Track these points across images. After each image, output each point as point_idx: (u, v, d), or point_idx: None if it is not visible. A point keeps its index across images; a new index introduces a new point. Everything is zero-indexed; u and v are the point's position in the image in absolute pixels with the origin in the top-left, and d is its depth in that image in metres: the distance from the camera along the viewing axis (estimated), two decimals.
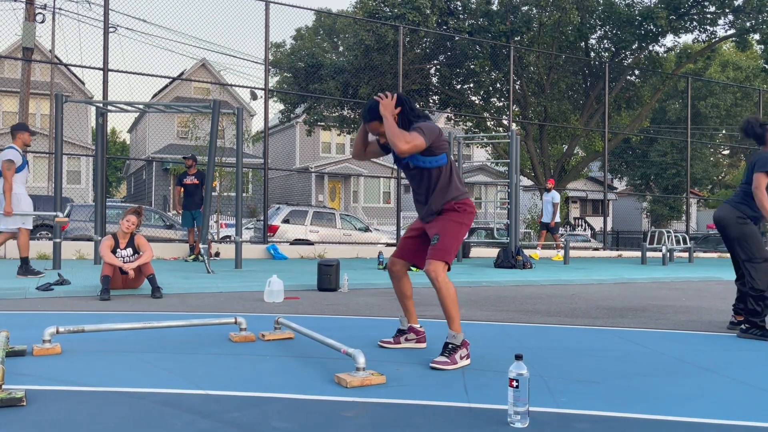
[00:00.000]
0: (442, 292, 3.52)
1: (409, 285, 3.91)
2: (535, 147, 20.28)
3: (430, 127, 3.51)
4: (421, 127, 3.48)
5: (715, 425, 2.53)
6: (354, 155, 3.94)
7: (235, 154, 9.79)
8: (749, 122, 4.85)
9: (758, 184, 4.58)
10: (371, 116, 3.58)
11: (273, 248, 12.96)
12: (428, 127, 3.50)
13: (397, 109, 3.57)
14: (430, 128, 3.50)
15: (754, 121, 4.84)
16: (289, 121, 23.30)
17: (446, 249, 3.56)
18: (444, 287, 3.51)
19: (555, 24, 18.50)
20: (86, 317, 5.01)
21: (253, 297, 6.58)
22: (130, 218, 6.45)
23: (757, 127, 4.79)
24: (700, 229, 34.99)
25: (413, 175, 3.70)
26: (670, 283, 9.41)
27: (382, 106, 3.51)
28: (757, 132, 4.78)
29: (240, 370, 3.33)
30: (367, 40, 16.96)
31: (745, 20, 18.96)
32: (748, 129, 4.83)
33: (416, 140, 3.41)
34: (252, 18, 47.87)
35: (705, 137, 29.69)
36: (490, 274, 9.48)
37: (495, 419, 2.54)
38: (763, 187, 4.58)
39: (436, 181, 3.62)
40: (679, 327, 5.13)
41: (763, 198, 4.56)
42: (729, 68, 30.30)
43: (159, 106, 10.01)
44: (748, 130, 4.83)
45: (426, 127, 3.49)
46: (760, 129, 4.77)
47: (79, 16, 34.07)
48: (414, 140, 3.41)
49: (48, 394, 2.80)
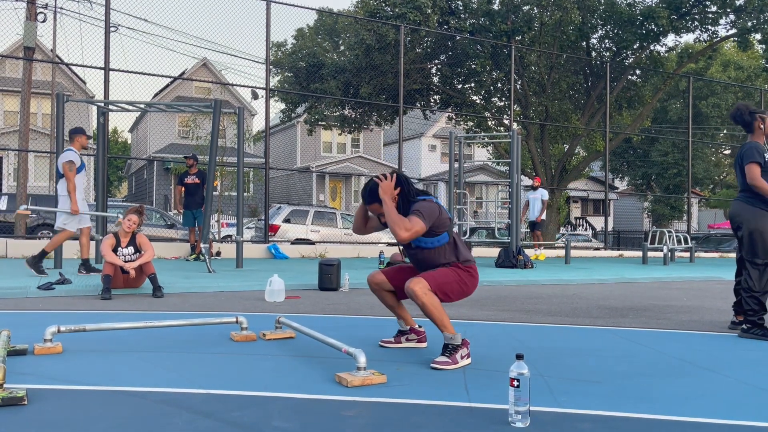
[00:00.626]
0: (427, 307, 3.40)
1: (392, 295, 3.86)
2: (536, 147, 20.27)
3: (430, 209, 3.47)
4: (420, 210, 3.44)
5: (717, 425, 2.53)
6: (354, 230, 3.95)
7: (236, 154, 9.80)
8: (739, 109, 4.86)
9: (753, 176, 4.58)
10: (371, 199, 3.58)
11: (274, 248, 12.97)
12: (428, 210, 3.46)
13: (397, 189, 3.55)
14: (429, 210, 3.46)
15: (744, 108, 4.84)
16: (290, 120, 23.27)
17: (435, 280, 3.47)
18: (427, 299, 3.39)
19: (556, 23, 18.48)
20: (87, 316, 5.01)
21: (254, 296, 6.58)
22: (131, 217, 6.46)
23: (746, 114, 4.79)
24: (701, 229, 34.95)
25: (413, 254, 3.66)
26: (671, 283, 9.40)
27: (382, 189, 3.49)
28: (746, 119, 4.79)
29: (241, 369, 3.33)
30: (368, 39, 16.96)
31: (746, 20, 18.93)
32: (737, 116, 4.84)
33: (416, 226, 3.39)
34: (253, 17, 47.90)
35: (706, 137, 29.67)
36: (491, 274, 9.47)
37: (496, 419, 2.54)
38: (759, 176, 4.57)
39: (437, 258, 3.57)
40: (680, 327, 5.12)
41: (764, 185, 4.55)
42: (730, 68, 30.29)
43: (160, 105, 10.01)
44: (737, 117, 4.84)
45: (425, 210, 3.45)
46: (749, 116, 4.78)
47: (80, 15, 34.06)
48: (414, 227, 3.38)
49: (49, 393, 2.80)
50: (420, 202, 3.52)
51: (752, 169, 4.58)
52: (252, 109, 32.01)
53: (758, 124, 4.74)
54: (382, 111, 20.08)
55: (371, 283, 3.85)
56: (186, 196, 11.46)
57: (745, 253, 4.68)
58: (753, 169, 4.58)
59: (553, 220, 20.80)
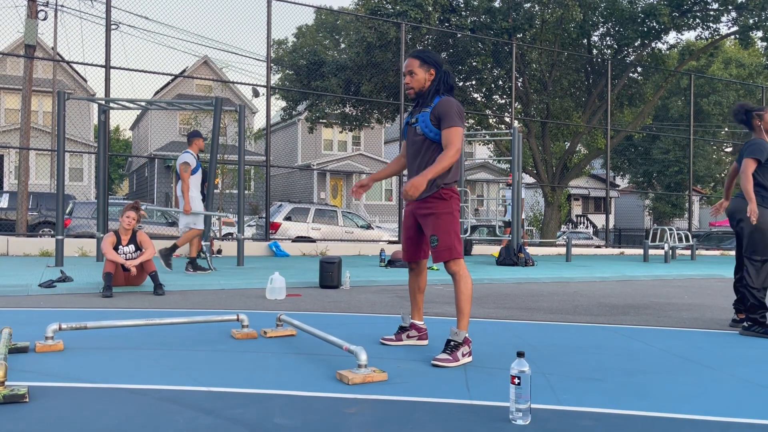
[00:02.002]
0: (459, 286, 3.55)
1: (425, 279, 3.95)
2: (537, 144, 20.24)
3: (461, 111, 3.58)
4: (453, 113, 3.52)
5: (718, 423, 2.53)
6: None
7: (237, 152, 9.80)
8: (737, 109, 5.00)
9: (745, 168, 4.67)
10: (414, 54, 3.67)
11: (275, 245, 12.97)
12: (461, 111, 3.57)
13: (432, 71, 3.63)
14: (462, 111, 3.58)
15: (740, 107, 4.98)
16: (291, 118, 23.24)
17: (450, 246, 3.56)
18: (462, 281, 3.55)
19: (557, 21, 18.45)
20: (88, 314, 5.01)
21: (255, 294, 6.58)
22: (129, 214, 6.44)
23: (743, 113, 4.93)
24: (702, 226, 34.94)
25: (416, 142, 3.67)
26: (672, 281, 9.40)
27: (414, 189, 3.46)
28: (742, 118, 4.93)
29: (242, 367, 3.33)
30: (369, 37, 16.93)
31: (748, 17, 18.89)
32: (736, 114, 4.99)
33: (457, 140, 3.50)
34: (254, 15, 47.83)
35: (708, 134, 29.63)
36: (492, 272, 9.47)
37: (497, 416, 2.54)
38: (749, 172, 4.64)
39: (436, 155, 3.59)
40: (681, 324, 5.13)
41: (747, 182, 4.63)
42: (732, 65, 30.23)
43: (161, 103, 10.01)
44: (736, 116, 5.00)
45: (460, 111, 3.56)
46: (745, 115, 4.90)
47: (81, 13, 34.08)
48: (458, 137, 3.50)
49: (51, 390, 2.81)
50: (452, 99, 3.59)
51: (746, 164, 4.68)
52: (253, 106, 32.00)
53: (756, 122, 4.84)
54: (383, 109, 20.07)
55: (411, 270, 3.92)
56: None
57: (745, 250, 4.71)
58: (747, 164, 4.67)
59: (554, 218, 20.79)
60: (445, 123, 3.51)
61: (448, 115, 3.51)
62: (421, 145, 3.63)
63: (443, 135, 3.52)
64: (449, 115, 3.51)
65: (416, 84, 3.65)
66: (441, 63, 3.67)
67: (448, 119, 3.51)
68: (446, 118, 3.51)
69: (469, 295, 3.56)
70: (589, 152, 23.17)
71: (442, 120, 3.52)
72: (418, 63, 3.63)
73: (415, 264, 3.89)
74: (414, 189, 3.42)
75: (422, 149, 3.63)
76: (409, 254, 3.87)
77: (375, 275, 8.33)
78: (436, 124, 3.55)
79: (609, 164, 19.11)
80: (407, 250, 3.86)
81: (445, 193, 3.60)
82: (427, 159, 3.61)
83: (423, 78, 3.63)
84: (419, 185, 3.42)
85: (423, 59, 3.64)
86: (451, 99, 3.58)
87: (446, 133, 3.51)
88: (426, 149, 3.62)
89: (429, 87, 3.64)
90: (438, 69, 3.64)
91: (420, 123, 3.62)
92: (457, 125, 3.50)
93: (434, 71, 3.64)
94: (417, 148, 3.66)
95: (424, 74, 3.63)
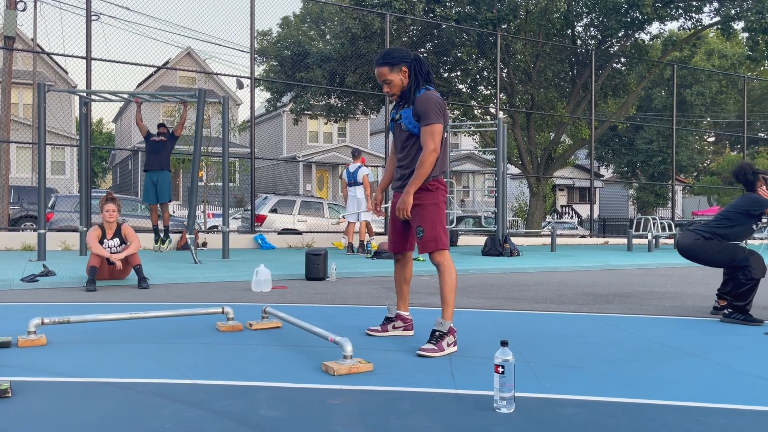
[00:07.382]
0: (444, 277, 3.58)
1: (411, 270, 3.98)
2: (522, 135, 20.31)
3: (441, 104, 3.55)
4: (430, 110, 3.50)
5: (699, 408, 2.57)
6: None
7: (222, 144, 9.73)
8: (742, 168, 4.85)
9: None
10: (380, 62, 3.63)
11: (260, 238, 12.92)
12: (440, 105, 3.54)
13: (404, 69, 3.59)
14: (441, 105, 3.55)
15: (747, 167, 4.84)
16: (276, 110, 23.12)
17: (435, 237, 3.59)
18: (446, 272, 3.58)
19: (542, 11, 18.47)
20: (72, 308, 4.97)
21: (240, 287, 6.56)
22: (108, 207, 6.34)
23: (750, 174, 4.80)
24: (685, 215, 35.32)
25: (403, 138, 3.70)
26: (655, 270, 9.50)
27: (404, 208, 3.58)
28: (749, 179, 4.80)
29: (227, 359, 3.32)
30: (354, 28, 16.85)
31: (729, 8, 19.04)
32: (740, 174, 4.84)
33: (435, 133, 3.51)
34: (237, 6, 47.41)
35: (690, 125, 29.88)
36: (478, 262, 9.52)
37: (481, 405, 2.56)
38: None
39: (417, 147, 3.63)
40: (663, 312, 5.19)
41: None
42: (714, 56, 30.46)
43: (144, 95, 9.90)
44: (739, 176, 4.84)
45: (439, 105, 3.53)
46: (752, 176, 4.79)
47: (61, 3, 33.59)
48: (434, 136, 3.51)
49: (34, 385, 2.79)
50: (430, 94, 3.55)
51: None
52: (237, 98, 31.77)
53: (760, 185, 4.77)
54: (368, 100, 20.01)
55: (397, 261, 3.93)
56: (149, 154, 10.04)
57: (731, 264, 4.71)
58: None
59: (539, 209, 20.90)
60: (423, 121, 3.54)
61: (425, 113, 3.52)
62: (408, 141, 3.68)
63: (421, 134, 3.56)
64: (426, 113, 3.52)
65: (396, 89, 3.64)
66: (408, 56, 3.62)
67: (425, 117, 3.52)
68: (423, 116, 3.53)
69: (453, 285, 3.59)
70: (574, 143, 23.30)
71: (421, 118, 3.54)
72: (388, 69, 3.60)
73: (401, 255, 3.91)
74: (404, 209, 3.57)
75: (409, 144, 3.67)
76: (395, 245, 3.89)
77: (361, 267, 8.34)
78: (417, 119, 3.58)
79: (593, 154, 19.23)
80: (393, 241, 3.88)
81: (431, 185, 3.62)
82: (413, 154, 3.65)
83: (399, 79, 3.61)
84: (407, 203, 3.56)
85: (390, 63, 3.59)
86: (429, 94, 3.55)
87: (422, 132, 3.54)
88: (412, 145, 3.66)
89: (409, 84, 3.62)
90: (408, 64, 3.61)
91: (404, 119, 3.66)
92: (433, 122, 3.51)
93: (406, 68, 3.60)
94: (404, 143, 3.70)
95: (398, 76, 3.60)
